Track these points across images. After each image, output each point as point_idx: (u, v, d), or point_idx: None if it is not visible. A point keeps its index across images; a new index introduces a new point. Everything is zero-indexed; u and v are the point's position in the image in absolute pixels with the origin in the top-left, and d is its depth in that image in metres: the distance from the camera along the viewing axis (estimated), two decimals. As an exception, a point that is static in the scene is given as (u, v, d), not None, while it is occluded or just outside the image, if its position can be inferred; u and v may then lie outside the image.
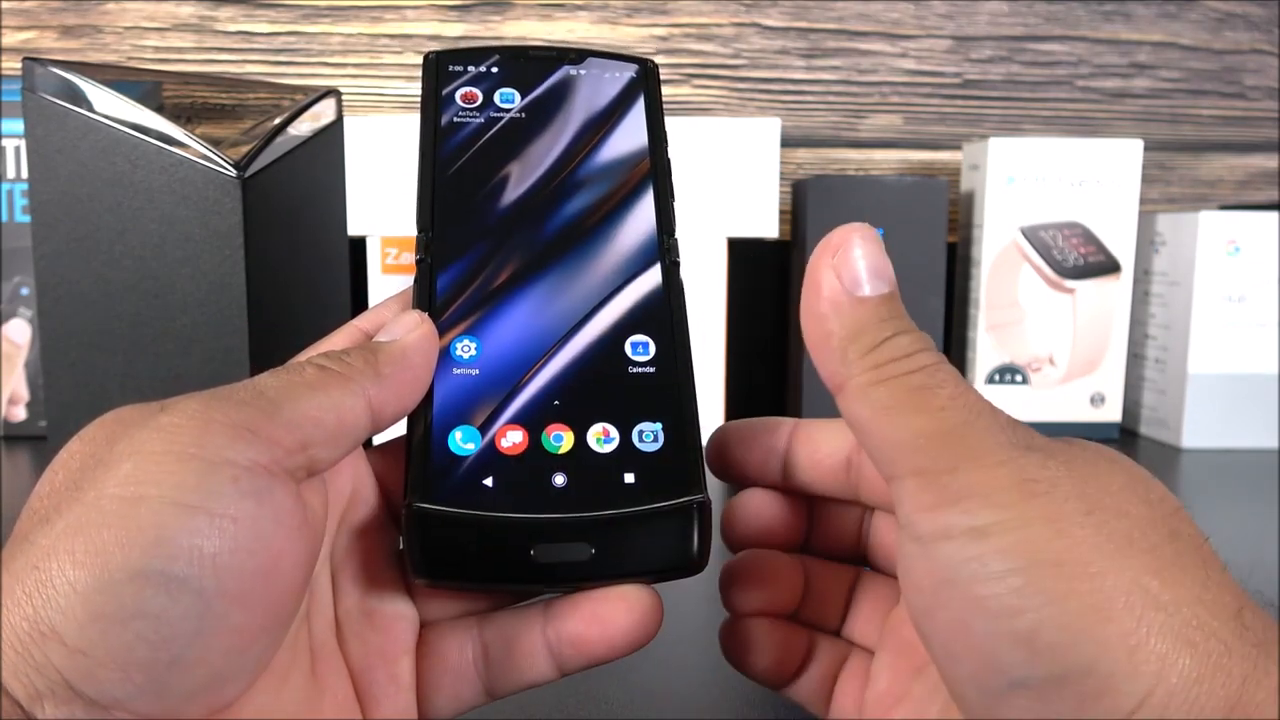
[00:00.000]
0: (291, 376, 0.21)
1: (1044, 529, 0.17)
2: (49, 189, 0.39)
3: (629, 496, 0.22)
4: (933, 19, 0.79)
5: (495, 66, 0.28)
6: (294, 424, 0.20)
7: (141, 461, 0.18)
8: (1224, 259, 0.66)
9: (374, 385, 0.21)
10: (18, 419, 0.64)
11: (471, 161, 0.26)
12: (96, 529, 0.17)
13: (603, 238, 0.25)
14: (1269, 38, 0.81)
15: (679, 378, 0.24)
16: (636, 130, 0.27)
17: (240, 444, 0.19)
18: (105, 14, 0.75)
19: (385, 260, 0.64)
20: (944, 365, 0.20)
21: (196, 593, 0.17)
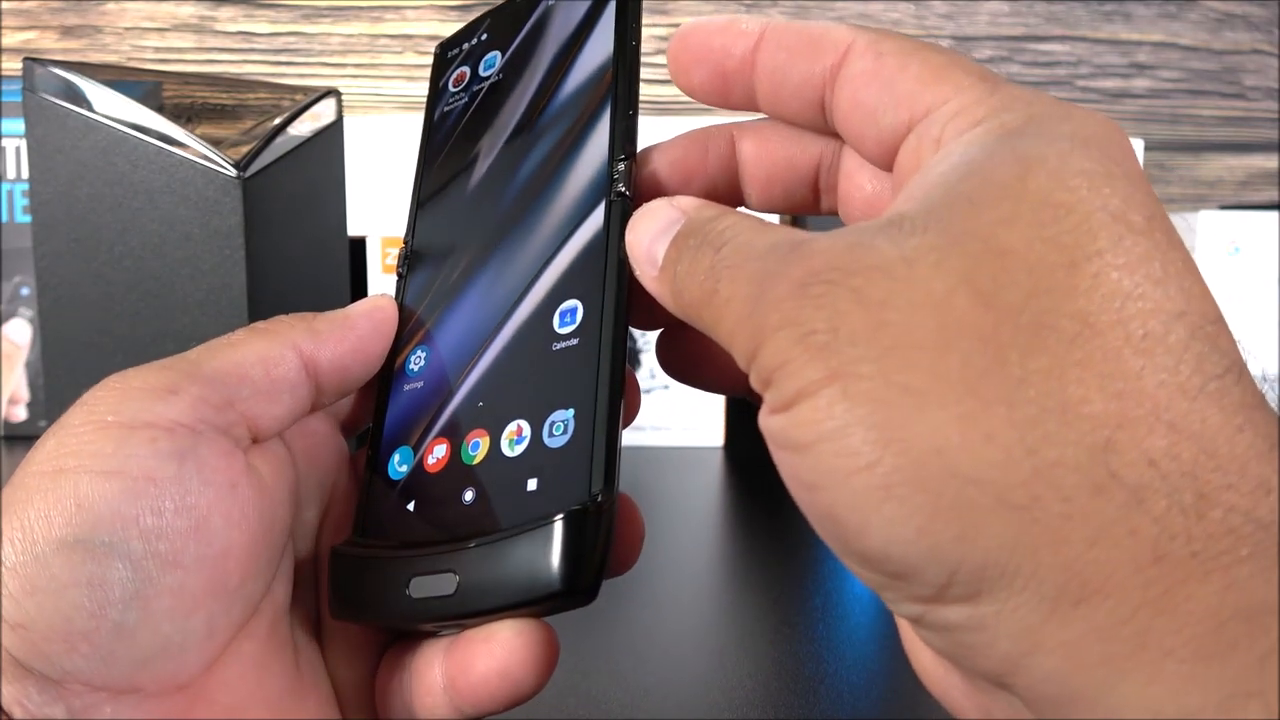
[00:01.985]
0: (218, 340, 0.21)
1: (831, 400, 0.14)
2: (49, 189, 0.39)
3: (523, 510, 0.19)
4: (933, 19, 0.79)
5: (485, 32, 0.26)
6: (217, 379, 0.20)
7: (64, 436, 0.18)
8: (1224, 259, 0.66)
9: (306, 340, 0.21)
10: (18, 419, 0.64)
11: (448, 155, 0.25)
12: (21, 505, 0.17)
13: (551, 194, 0.22)
14: (1269, 38, 0.81)
15: (599, 346, 0.19)
16: (602, 44, 0.23)
17: (161, 405, 0.19)
18: (105, 14, 0.75)
19: (385, 260, 0.64)
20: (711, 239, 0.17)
21: (125, 556, 0.17)
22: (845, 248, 0.15)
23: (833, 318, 0.15)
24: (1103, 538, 0.13)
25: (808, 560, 0.44)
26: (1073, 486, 0.13)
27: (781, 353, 0.15)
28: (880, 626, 0.37)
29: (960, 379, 0.14)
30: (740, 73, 0.20)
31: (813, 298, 0.15)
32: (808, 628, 0.37)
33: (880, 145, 0.18)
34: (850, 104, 0.18)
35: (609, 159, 0.21)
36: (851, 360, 0.14)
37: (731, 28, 0.20)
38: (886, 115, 0.18)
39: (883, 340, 0.14)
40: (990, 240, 0.15)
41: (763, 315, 0.15)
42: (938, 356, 0.14)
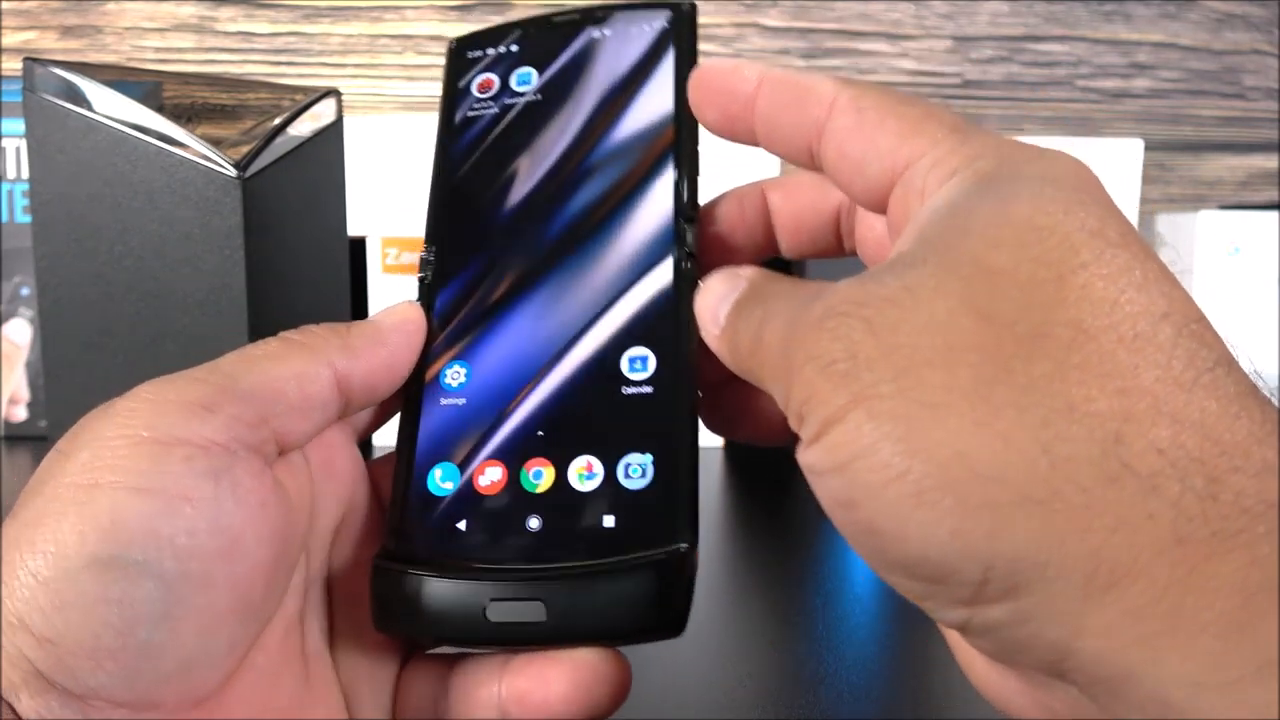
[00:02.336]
0: (252, 350, 0.20)
1: (858, 423, 0.15)
2: (49, 189, 0.39)
3: (603, 546, 0.19)
4: (933, 19, 0.79)
5: (515, 44, 0.25)
6: (252, 396, 0.19)
7: (98, 449, 0.18)
8: (1224, 259, 0.66)
9: (341, 357, 0.21)
10: (18, 419, 0.64)
11: (480, 163, 0.24)
12: (54, 518, 0.17)
13: (612, 234, 0.22)
14: (1269, 38, 0.81)
15: (678, 397, 0.20)
16: (662, 94, 0.23)
17: (195, 422, 0.18)
18: (105, 14, 0.75)
19: (385, 260, 0.64)
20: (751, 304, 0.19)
21: (157, 576, 0.17)
22: (856, 285, 0.17)
23: (849, 347, 0.16)
24: (1123, 525, 0.14)
25: (808, 560, 0.44)
26: (1088, 479, 0.14)
27: (808, 385, 0.16)
28: (880, 626, 0.37)
29: (971, 389, 0.15)
30: (743, 117, 0.21)
31: (829, 330, 0.16)
32: (808, 628, 0.37)
33: (869, 193, 0.20)
34: (837, 156, 0.20)
35: (674, 219, 0.22)
36: (871, 384, 0.16)
37: (735, 74, 0.21)
38: (871, 167, 0.20)
39: (897, 362, 0.16)
40: (981, 263, 0.16)
41: (790, 354, 0.17)
42: (948, 372, 0.15)
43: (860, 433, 0.15)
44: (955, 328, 0.16)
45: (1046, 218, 0.16)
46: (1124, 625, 0.14)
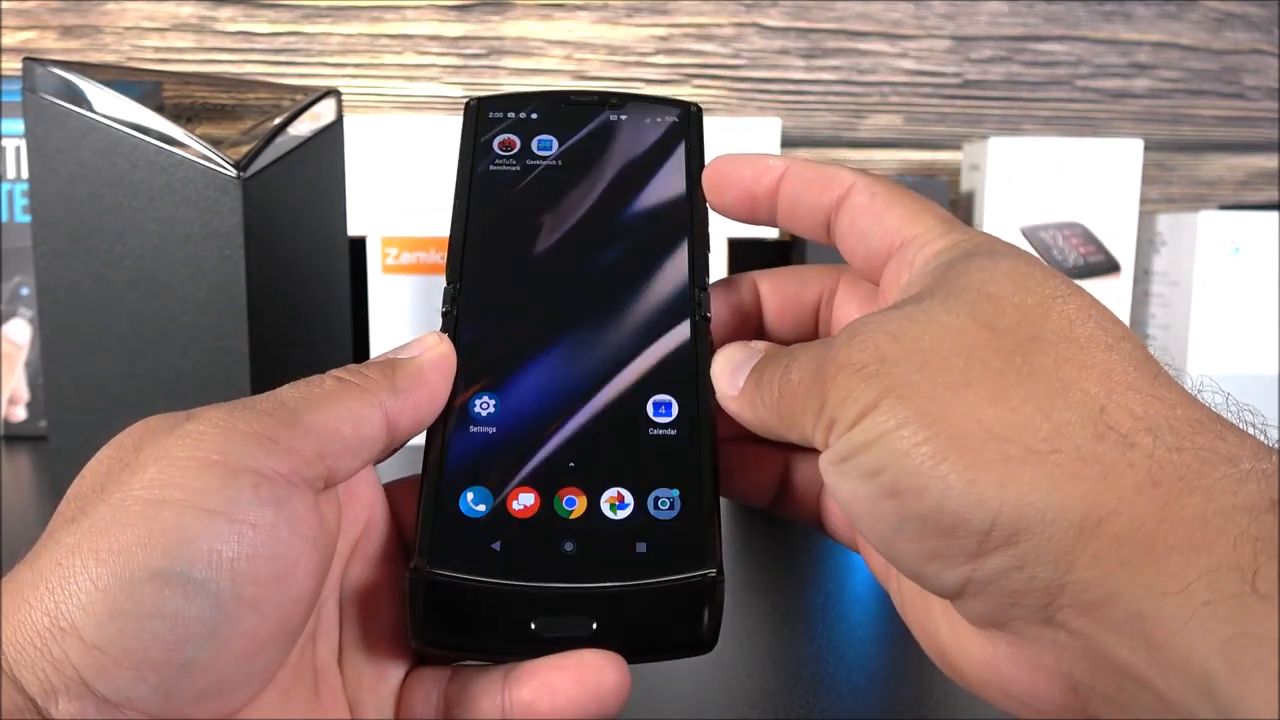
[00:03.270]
0: (312, 388, 0.21)
1: (890, 404, 0.19)
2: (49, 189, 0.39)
3: (639, 568, 0.21)
4: (933, 19, 0.79)
5: (535, 113, 0.28)
6: (313, 433, 0.20)
7: (166, 466, 0.18)
8: (1224, 259, 0.66)
9: (391, 398, 0.22)
10: (18, 419, 0.64)
11: (504, 212, 0.26)
12: (120, 528, 0.18)
13: (633, 292, 0.25)
14: (1269, 38, 0.81)
15: (700, 440, 0.23)
16: (675, 179, 0.27)
17: (261, 452, 0.19)
18: (105, 14, 0.75)
19: (385, 260, 0.64)
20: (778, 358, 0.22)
21: (213, 596, 0.18)
22: (875, 315, 0.21)
23: (877, 354, 0.19)
24: (1109, 472, 0.17)
25: (808, 560, 0.44)
26: (1081, 437, 0.18)
27: (843, 390, 0.19)
28: (880, 626, 0.37)
29: (983, 375, 0.19)
30: (766, 198, 0.25)
31: (858, 345, 0.20)
32: (808, 628, 0.37)
33: (868, 261, 0.24)
34: (848, 228, 0.24)
35: (690, 285, 0.25)
36: (898, 377, 0.19)
37: (760, 163, 0.25)
38: (874, 241, 0.24)
39: (919, 360, 0.19)
40: (980, 291, 0.20)
41: (824, 373, 0.20)
42: (963, 363, 0.19)
43: (892, 413, 0.18)
44: (965, 333, 0.19)
45: (1027, 267, 0.21)
46: (1110, 552, 0.17)
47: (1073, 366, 0.19)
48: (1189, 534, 0.16)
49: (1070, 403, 0.18)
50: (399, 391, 0.22)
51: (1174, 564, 0.16)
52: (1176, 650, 0.15)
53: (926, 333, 0.19)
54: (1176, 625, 0.15)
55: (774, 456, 0.26)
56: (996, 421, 0.18)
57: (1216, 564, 0.15)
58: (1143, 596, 0.16)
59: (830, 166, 0.25)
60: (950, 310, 0.20)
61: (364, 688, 0.22)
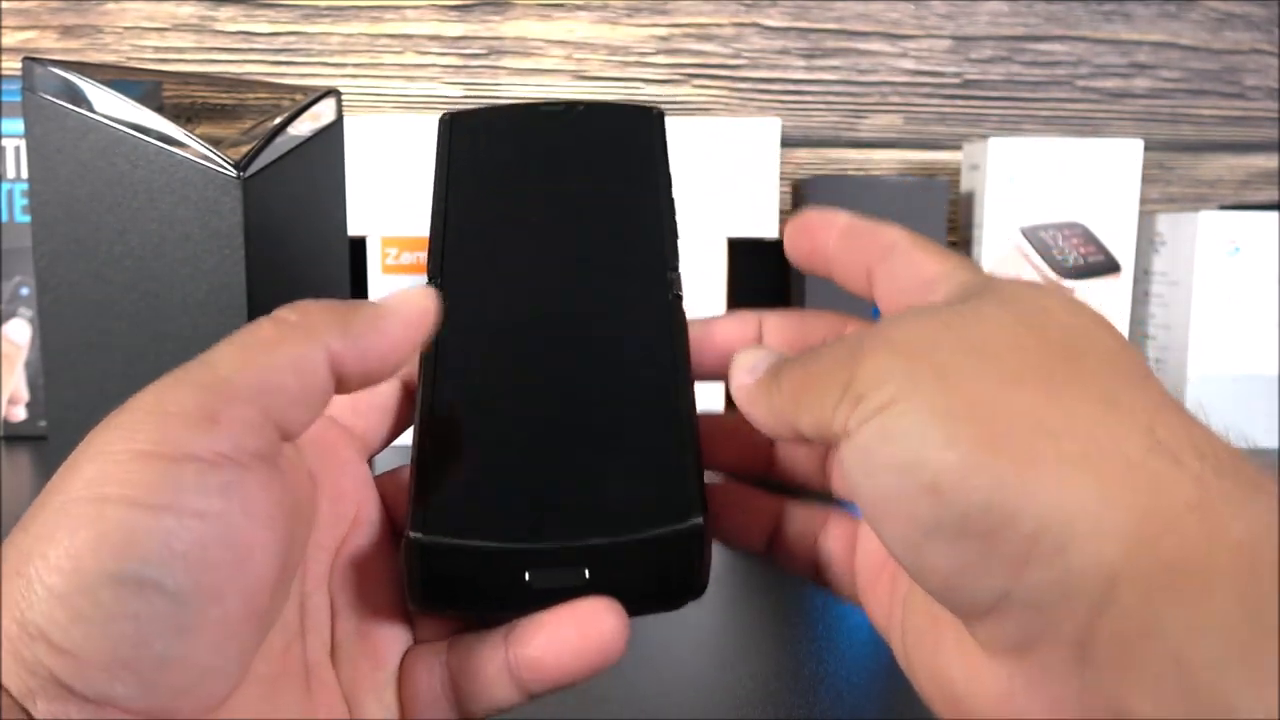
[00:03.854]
0: (246, 338, 0.20)
1: (933, 386, 0.18)
2: (49, 189, 0.39)
3: (628, 521, 0.22)
4: (933, 19, 0.79)
5: (506, 121, 0.29)
6: (253, 397, 0.19)
7: (104, 463, 0.18)
8: (1224, 259, 0.66)
9: (338, 340, 0.20)
10: (18, 419, 0.64)
11: (479, 208, 0.27)
12: (68, 533, 0.17)
13: (607, 271, 0.26)
14: (1269, 38, 0.81)
15: (679, 397, 0.24)
16: (642, 173, 0.28)
17: (199, 433, 0.18)
18: (105, 14, 0.75)
19: (385, 260, 0.64)
20: None
21: (172, 592, 0.17)
22: (922, 305, 0.21)
23: (923, 335, 0.19)
24: (1161, 487, 0.17)
25: (808, 560, 0.44)
26: (1133, 448, 0.17)
27: (879, 365, 0.19)
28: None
29: (1037, 372, 0.18)
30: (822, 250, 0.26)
31: (904, 325, 0.19)
32: (808, 628, 0.37)
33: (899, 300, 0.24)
34: (888, 275, 0.24)
35: (663, 268, 0.26)
36: (950, 358, 0.18)
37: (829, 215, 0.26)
38: (905, 281, 0.24)
39: (972, 347, 0.19)
40: (1033, 302, 0.20)
41: (859, 349, 0.19)
42: (1018, 359, 0.19)
43: (937, 397, 0.18)
44: (1015, 333, 0.19)
45: (1072, 298, 0.21)
46: (1155, 575, 0.16)
47: (1125, 383, 0.18)
48: (1232, 562, 0.15)
49: (1121, 414, 0.18)
50: (350, 335, 0.21)
51: (1215, 592, 0.15)
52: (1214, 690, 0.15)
53: (979, 325, 0.19)
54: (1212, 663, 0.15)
55: (767, 500, 0.26)
56: (1053, 418, 0.17)
57: (1258, 596, 0.15)
58: (1181, 630, 0.15)
59: (881, 227, 0.25)
60: (1003, 309, 0.20)
61: (361, 678, 0.22)
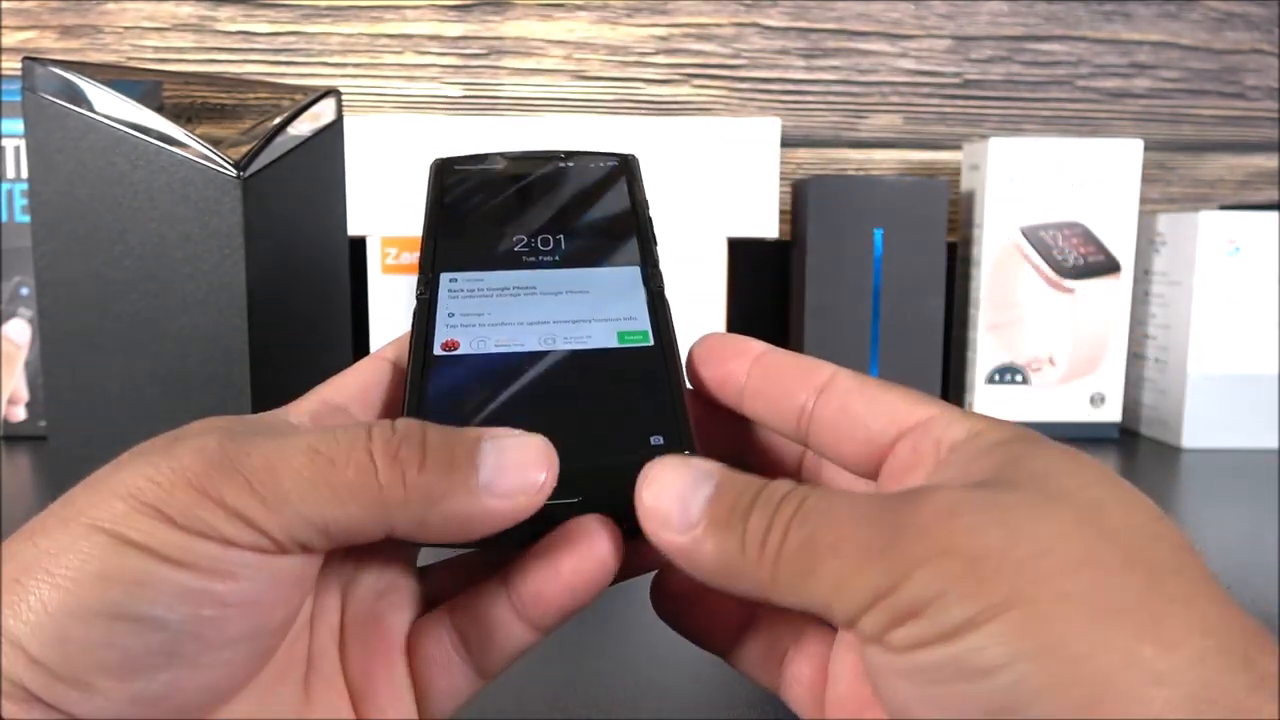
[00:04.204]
0: (320, 466, 0.18)
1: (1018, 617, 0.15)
2: (49, 189, 0.39)
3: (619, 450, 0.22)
4: (933, 19, 0.79)
5: (495, 164, 0.31)
6: (305, 522, 0.18)
7: (132, 505, 0.18)
8: (1224, 259, 0.66)
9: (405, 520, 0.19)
10: (18, 419, 0.64)
11: (468, 225, 0.29)
12: (81, 559, 0.17)
13: (592, 267, 0.28)
14: (1269, 38, 0.81)
15: (665, 351, 0.24)
16: (620, 201, 0.30)
17: (236, 527, 0.18)
18: (105, 14, 0.75)
19: (385, 260, 0.64)
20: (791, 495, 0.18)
21: (173, 635, 0.17)
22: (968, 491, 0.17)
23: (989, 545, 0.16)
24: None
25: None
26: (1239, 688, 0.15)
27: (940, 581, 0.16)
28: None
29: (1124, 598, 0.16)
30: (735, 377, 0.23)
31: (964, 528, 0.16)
32: (808, 628, 0.37)
33: (867, 448, 0.21)
34: (838, 413, 0.22)
35: (642, 264, 0.27)
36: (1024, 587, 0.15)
37: (740, 343, 0.24)
38: (876, 424, 0.21)
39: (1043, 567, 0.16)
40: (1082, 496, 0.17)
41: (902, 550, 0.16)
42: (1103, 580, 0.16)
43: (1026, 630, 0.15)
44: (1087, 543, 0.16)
45: (1109, 471, 0.18)
46: None
47: (1209, 601, 0.16)
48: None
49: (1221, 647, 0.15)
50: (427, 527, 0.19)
51: None
52: None
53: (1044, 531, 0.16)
54: None
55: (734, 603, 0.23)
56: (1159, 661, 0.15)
57: None
58: None
59: (811, 358, 0.23)
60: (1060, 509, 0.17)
61: (375, 658, 0.22)
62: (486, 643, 0.22)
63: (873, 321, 0.65)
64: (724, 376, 0.24)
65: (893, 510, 0.17)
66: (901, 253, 0.65)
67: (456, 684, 0.22)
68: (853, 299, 0.65)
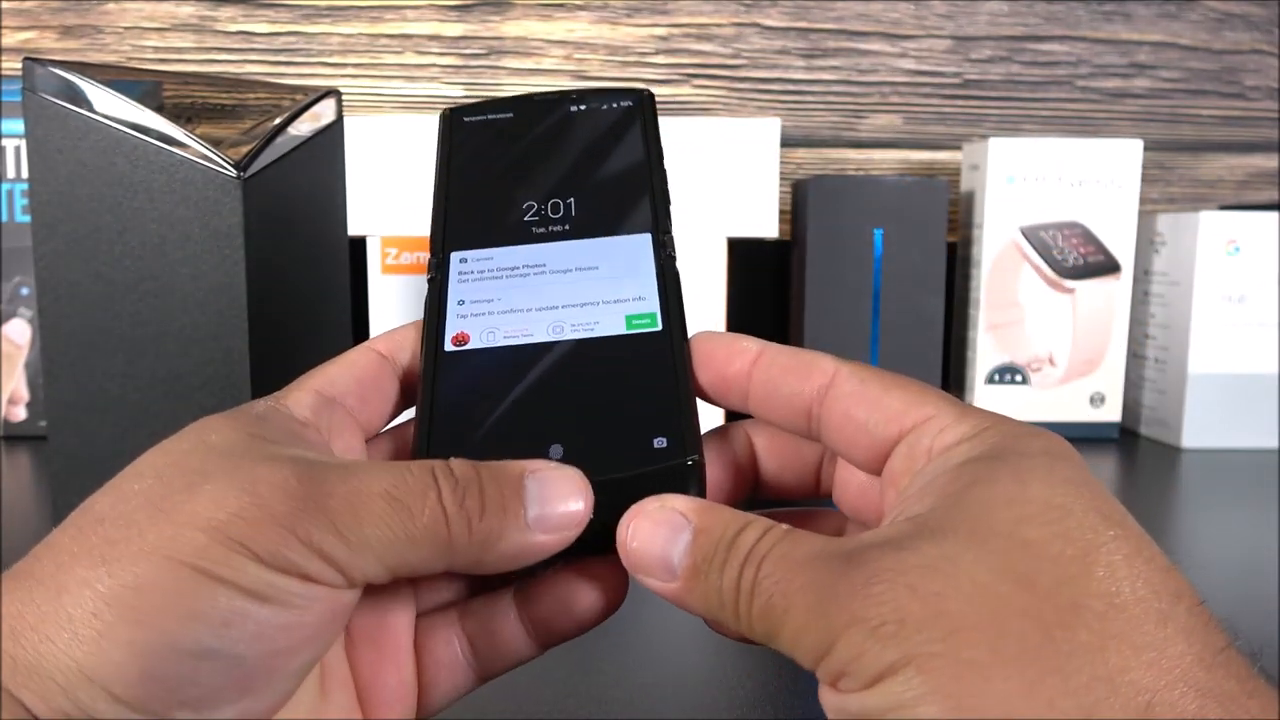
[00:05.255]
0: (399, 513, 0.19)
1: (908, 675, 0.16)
2: (49, 189, 0.39)
3: (623, 462, 0.22)
4: (932, 19, 0.79)
5: (505, 111, 0.30)
6: (380, 564, 0.19)
7: (216, 538, 0.18)
8: (1224, 259, 0.66)
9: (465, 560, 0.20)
10: (18, 419, 0.64)
11: (478, 191, 0.28)
12: (166, 595, 0.17)
13: (601, 237, 0.27)
14: (1269, 38, 0.81)
15: (674, 341, 0.24)
16: (634, 149, 0.28)
17: (319, 566, 0.18)
18: (105, 14, 0.75)
19: (385, 260, 0.64)
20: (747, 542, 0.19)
21: (249, 671, 0.18)
22: (891, 551, 0.18)
23: (896, 610, 0.17)
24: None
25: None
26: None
27: (856, 645, 0.17)
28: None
29: (1019, 654, 0.16)
30: (737, 382, 0.23)
31: (874, 596, 0.17)
32: (808, 628, 0.37)
33: (871, 451, 0.22)
34: (842, 417, 0.22)
35: (654, 229, 0.27)
36: (920, 644, 0.16)
37: (734, 344, 0.24)
38: (878, 428, 0.21)
39: (944, 625, 0.17)
40: (1013, 536, 0.18)
41: (830, 617, 0.17)
42: (995, 635, 0.16)
43: (910, 685, 0.16)
44: (997, 595, 0.17)
45: (1063, 498, 0.18)
46: None
47: (1119, 647, 0.16)
48: None
49: (1114, 701, 0.16)
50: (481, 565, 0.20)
51: None
52: None
53: (952, 589, 0.17)
54: None
55: None
56: (1045, 712, 0.16)
57: None
58: None
59: (809, 353, 0.23)
60: (980, 561, 0.17)
61: (382, 657, 0.23)
62: (492, 651, 0.23)
63: (873, 321, 0.65)
64: (724, 381, 0.24)
65: (830, 573, 0.18)
66: (901, 253, 0.65)
67: (458, 683, 0.23)
68: (853, 299, 0.65)
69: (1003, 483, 0.18)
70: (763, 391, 0.23)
